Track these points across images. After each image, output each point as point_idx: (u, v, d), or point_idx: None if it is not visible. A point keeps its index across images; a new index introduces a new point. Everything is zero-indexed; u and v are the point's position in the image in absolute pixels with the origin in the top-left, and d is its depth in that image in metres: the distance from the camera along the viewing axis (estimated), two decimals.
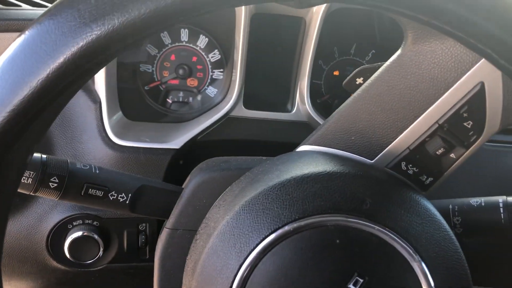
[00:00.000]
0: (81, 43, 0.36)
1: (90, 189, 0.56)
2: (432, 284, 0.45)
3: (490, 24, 0.35)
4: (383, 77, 0.48)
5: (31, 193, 0.54)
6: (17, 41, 0.36)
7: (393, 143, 0.50)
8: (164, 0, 0.36)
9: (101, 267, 0.75)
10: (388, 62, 0.49)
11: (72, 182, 0.55)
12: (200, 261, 0.47)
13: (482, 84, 0.45)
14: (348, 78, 0.58)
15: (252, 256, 0.45)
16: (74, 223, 0.72)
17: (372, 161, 0.51)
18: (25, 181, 0.53)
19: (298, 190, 0.46)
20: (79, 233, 0.71)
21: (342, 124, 0.52)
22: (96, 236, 0.72)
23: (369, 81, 0.50)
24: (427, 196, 0.55)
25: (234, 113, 0.82)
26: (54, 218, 0.72)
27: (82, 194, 0.56)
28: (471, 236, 0.66)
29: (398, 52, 0.48)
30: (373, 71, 0.50)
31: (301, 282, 0.44)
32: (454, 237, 0.49)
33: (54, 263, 0.74)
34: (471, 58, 0.44)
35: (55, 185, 0.54)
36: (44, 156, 0.54)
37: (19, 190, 0.54)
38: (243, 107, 0.82)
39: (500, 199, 0.58)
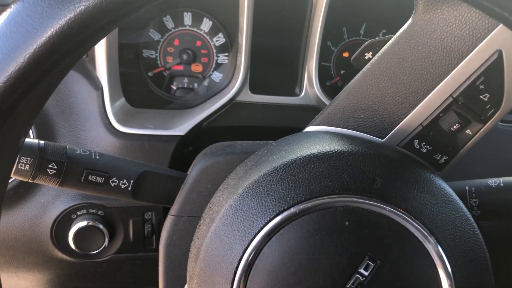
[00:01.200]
0: (69, 15, 0.34)
1: (90, 176, 0.54)
2: (449, 267, 0.43)
3: None
4: (393, 50, 0.46)
5: (29, 180, 0.52)
6: (3, 16, 0.34)
7: (404, 120, 0.47)
8: None
9: (107, 258, 0.74)
10: (398, 33, 0.46)
11: (71, 168, 0.53)
12: (203, 246, 0.45)
13: (499, 53, 0.42)
14: (356, 53, 0.55)
15: (257, 240, 0.42)
16: (78, 213, 0.71)
17: (383, 139, 0.48)
18: (23, 168, 0.51)
19: (304, 170, 0.44)
20: (84, 223, 0.70)
21: (350, 102, 0.49)
22: (101, 226, 0.70)
23: (378, 54, 0.47)
24: (442, 177, 0.52)
25: (240, 98, 0.79)
26: (58, 208, 0.70)
27: (82, 180, 0.54)
28: (489, 219, 0.63)
29: (409, 21, 0.45)
30: (382, 45, 0.48)
31: (309, 266, 0.41)
32: (471, 218, 0.46)
33: (60, 254, 0.72)
34: (487, 24, 0.41)
35: (54, 171, 0.52)
36: (42, 142, 0.53)
37: (17, 178, 0.52)
38: (249, 92, 0.79)
39: None
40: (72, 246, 0.70)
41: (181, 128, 0.75)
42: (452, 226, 0.44)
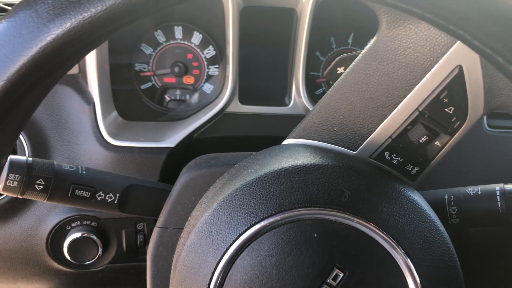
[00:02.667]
0: (40, 44, 0.35)
1: (76, 190, 0.56)
2: (417, 277, 0.44)
3: (460, 3, 0.34)
4: (360, 65, 0.47)
5: (18, 196, 0.54)
6: None
7: (374, 133, 0.48)
8: None
9: (102, 268, 0.76)
10: (364, 49, 0.47)
11: (58, 184, 0.55)
12: (180, 259, 0.47)
13: (460, 68, 0.43)
14: (329, 67, 0.57)
15: (229, 253, 0.44)
16: (73, 224, 0.73)
17: (355, 152, 0.50)
18: (11, 184, 0.53)
19: (275, 184, 0.45)
20: (78, 234, 0.72)
21: (323, 116, 0.51)
22: (94, 237, 0.73)
23: (347, 70, 0.48)
24: (419, 187, 0.53)
25: (230, 109, 0.81)
26: (53, 220, 0.73)
27: (69, 195, 0.56)
28: (468, 226, 0.64)
29: (374, 38, 0.46)
30: (353, 59, 0.49)
31: (279, 278, 0.43)
32: (441, 228, 0.47)
33: (55, 265, 0.75)
34: (447, 41, 0.42)
35: (41, 187, 0.54)
36: (29, 158, 0.55)
37: (6, 194, 0.54)
38: (238, 103, 0.81)
39: (497, 187, 0.56)
40: (67, 256, 0.72)
41: (171, 140, 0.77)
42: (421, 236, 0.45)
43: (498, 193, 0.55)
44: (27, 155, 0.73)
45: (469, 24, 0.34)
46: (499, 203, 0.55)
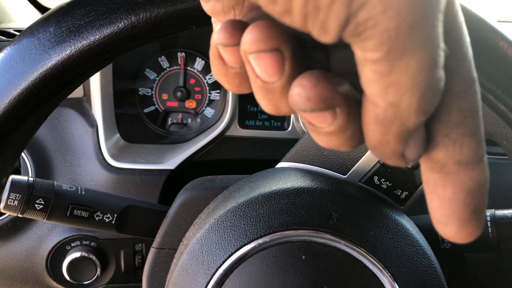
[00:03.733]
0: (40, 70, 0.38)
1: (75, 210, 0.58)
2: None
3: None
4: None
5: (18, 215, 0.56)
6: None
7: (363, 157, 0.49)
8: (116, 26, 0.38)
9: None
10: None
11: (57, 204, 0.57)
12: (172, 279, 0.48)
13: None
14: None
15: (219, 274, 0.45)
16: (72, 244, 0.74)
17: (345, 176, 0.51)
18: (12, 203, 0.55)
19: (265, 206, 0.46)
20: (77, 254, 0.73)
21: (314, 140, 0.52)
22: (93, 257, 0.74)
23: None
24: (411, 211, 0.54)
25: (229, 133, 0.83)
26: (53, 239, 0.74)
27: (68, 215, 0.57)
28: (460, 251, 0.64)
29: None
30: None
31: None
32: (429, 251, 0.48)
33: (55, 284, 0.76)
34: None
35: (41, 206, 0.56)
36: (31, 178, 0.57)
37: (7, 212, 0.56)
38: (238, 127, 0.83)
39: (488, 212, 0.57)
40: (66, 276, 0.73)
41: (171, 162, 0.78)
42: (408, 259, 0.46)
43: (488, 218, 0.56)
44: (30, 175, 0.75)
45: None
46: (489, 228, 0.55)
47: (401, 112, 0.21)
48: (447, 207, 0.23)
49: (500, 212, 0.55)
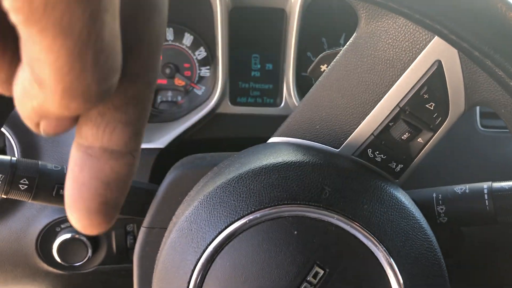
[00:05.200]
0: None
1: (61, 190, 0.56)
2: (399, 275, 0.43)
3: None
4: (341, 62, 0.47)
5: (2, 196, 0.54)
6: None
7: (356, 130, 0.48)
8: None
9: (92, 269, 0.76)
10: (346, 46, 0.47)
11: (42, 184, 0.55)
12: (161, 257, 0.47)
13: (439, 63, 0.42)
14: (312, 65, 0.56)
15: (209, 251, 0.43)
16: (62, 226, 0.73)
17: (338, 149, 0.49)
18: None
19: (255, 181, 0.45)
20: (68, 236, 0.72)
21: (306, 113, 0.50)
22: (84, 238, 0.72)
23: (329, 67, 0.48)
24: (408, 186, 0.53)
25: (220, 110, 0.81)
26: (43, 221, 0.73)
27: (54, 195, 0.56)
28: (456, 225, 0.63)
29: (354, 34, 0.46)
30: (335, 57, 0.49)
31: (259, 275, 0.42)
32: (425, 225, 0.46)
33: (46, 266, 0.74)
34: (425, 36, 0.42)
35: (26, 187, 0.54)
36: (13, 158, 0.55)
37: None
38: (229, 103, 0.81)
39: (485, 185, 0.55)
40: (57, 258, 0.72)
41: (161, 141, 0.76)
42: (403, 234, 0.44)
43: (485, 191, 0.55)
44: (16, 156, 0.73)
45: (445, 18, 0.34)
46: (486, 201, 0.54)
47: (44, 93, 0.18)
48: (78, 191, 0.22)
49: (497, 184, 0.53)
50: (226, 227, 0.44)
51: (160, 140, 0.76)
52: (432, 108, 0.44)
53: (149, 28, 0.21)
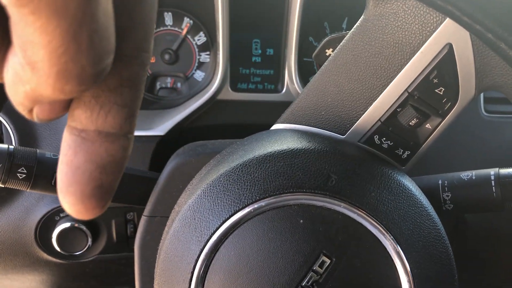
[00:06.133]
0: None
1: None
2: (407, 263, 0.42)
3: None
4: (348, 46, 0.45)
5: (0, 185, 0.53)
6: None
7: (363, 116, 0.46)
8: None
9: (92, 258, 0.75)
10: (352, 29, 0.45)
11: (41, 172, 0.54)
12: (163, 247, 0.46)
13: (450, 46, 0.41)
14: (317, 49, 0.55)
15: (213, 240, 0.43)
16: (61, 215, 0.72)
17: (344, 136, 0.48)
18: None
19: (260, 169, 0.44)
20: (67, 225, 0.71)
21: (311, 99, 0.49)
22: (83, 227, 0.71)
23: (335, 51, 0.47)
24: (412, 172, 0.52)
25: (221, 96, 0.79)
26: (41, 210, 0.72)
27: (53, 183, 0.55)
28: (463, 212, 0.62)
29: (362, 17, 0.45)
30: (341, 41, 0.47)
31: (264, 265, 0.42)
32: (432, 213, 0.45)
33: (45, 256, 0.74)
34: (436, 18, 0.41)
35: (24, 175, 0.53)
36: (11, 146, 0.54)
37: None
38: (230, 90, 0.79)
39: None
40: (56, 247, 0.71)
41: (161, 128, 0.75)
42: (411, 221, 0.44)
43: (492, 177, 0.54)
44: (14, 144, 0.71)
45: None
46: (493, 188, 0.53)
47: (38, 76, 0.18)
48: (72, 175, 0.21)
49: (504, 171, 0.52)
50: (230, 216, 0.43)
51: (159, 127, 0.75)
52: (441, 93, 0.43)
53: (141, 9, 0.21)
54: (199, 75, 0.84)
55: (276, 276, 0.41)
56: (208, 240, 0.43)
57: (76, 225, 0.71)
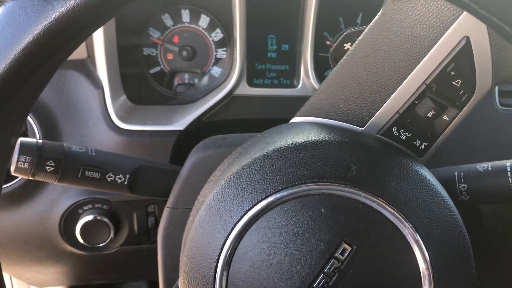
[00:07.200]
0: (45, 22, 0.36)
1: (86, 171, 0.57)
2: (425, 251, 0.44)
3: None
4: (366, 39, 0.46)
5: (30, 177, 0.55)
6: None
7: (381, 108, 0.48)
8: None
9: (114, 250, 0.77)
10: (371, 24, 0.46)
11: (68, 165, 0.56)
12: (189, 236, 0.47)
13: (467, 39, 0.42)
14: (335, 44, 0.56)
15: (237, 229, 0.44)
16: (85, 208, 0.74)
17: (363, 128, 0.49)
18: (22, 166, 0.54)
19: (282, 160, 0.45)
20: (90, 217, 0.73)
21: (330, 92, 0.50)
22: (106, 220, 0.73)
23: (354, 45, 0.48)
24: (429, 164, 0.53)
25: (238, 92, 0.81)
26: (65, 203, 0.74)
27: (79, 176, 0.57)
28: (478, 203, 0.63)
29: (380, 11, 0.46)
30: (359, 35, 0.48)
31: (287, 253, 0.43)
32: (450, 202, 0.46)
33: (69, 248, 0.76)
34: (453, 11, 0.42)
35: (52, 168, 0.55)
36: (40, 140, 0.56)
37: (18, 175, 0.55)
38: (247, 85, 0.81)
39: (508, 163, 0.55)
40: (80, 239, 0.73)
41: (181, 123, 0.77)
42: (429, 210, 0.45)
43: (509, 168, 0.55)
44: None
45: None
46: (510, 179, 0.54)
47: None
48: None
49: None
50: (253, 206, 0.44)
51: (179, 122, 0.77)
52: (458, 85, 0.44)
53: None
54: (216, 71, 0.86)
55: (299, 263, 0.43)
56: (232, 229, 0.44)
57: (99, 217, 0.73)
